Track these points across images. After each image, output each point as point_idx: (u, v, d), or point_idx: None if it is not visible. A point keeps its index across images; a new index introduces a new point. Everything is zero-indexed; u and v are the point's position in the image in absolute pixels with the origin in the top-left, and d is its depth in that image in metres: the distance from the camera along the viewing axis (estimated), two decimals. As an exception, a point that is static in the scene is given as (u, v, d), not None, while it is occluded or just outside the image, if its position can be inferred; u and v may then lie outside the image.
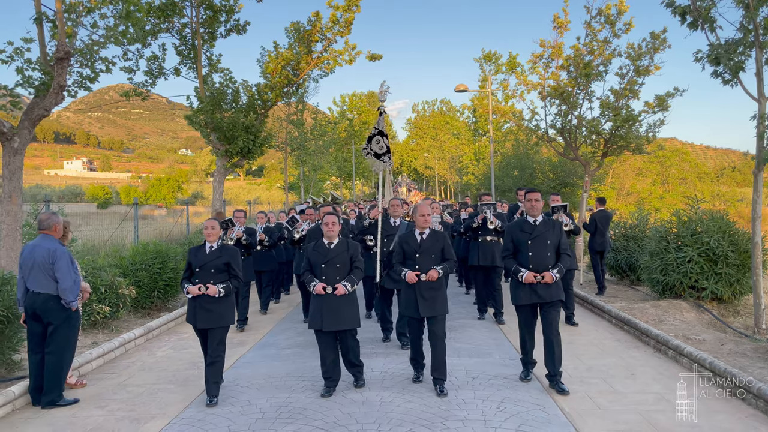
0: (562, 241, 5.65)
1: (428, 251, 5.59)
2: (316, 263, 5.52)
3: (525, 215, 5.88)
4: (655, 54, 13.84)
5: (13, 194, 7.94)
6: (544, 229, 5.60)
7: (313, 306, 5.49)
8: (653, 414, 4.89)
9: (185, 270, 5.67)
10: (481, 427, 4.64)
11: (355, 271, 5.56)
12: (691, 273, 8.95)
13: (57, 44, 7.99)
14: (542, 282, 5.45)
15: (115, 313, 8.32)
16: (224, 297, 5.47)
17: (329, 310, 5.34)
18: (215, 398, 5.36)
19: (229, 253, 5.58)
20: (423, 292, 5.50)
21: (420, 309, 5.49)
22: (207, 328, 5.44)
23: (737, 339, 7.21)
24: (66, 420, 5.03)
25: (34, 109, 8.13)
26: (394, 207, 7.89)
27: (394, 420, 4.78)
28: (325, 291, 5.37)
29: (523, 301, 5.54)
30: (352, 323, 5.43)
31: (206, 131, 15.36)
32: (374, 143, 7.99)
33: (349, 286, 5.41)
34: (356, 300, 5.58)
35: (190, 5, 15.50)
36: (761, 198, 8.21)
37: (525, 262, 5.56)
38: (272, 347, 7.64)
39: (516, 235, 5.67)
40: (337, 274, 5.46)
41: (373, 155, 7.99)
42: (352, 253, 5.59)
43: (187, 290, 5.47)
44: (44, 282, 5.35)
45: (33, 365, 5.41)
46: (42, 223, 5.56)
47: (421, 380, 5.77)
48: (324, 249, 5.56)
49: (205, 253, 5.55)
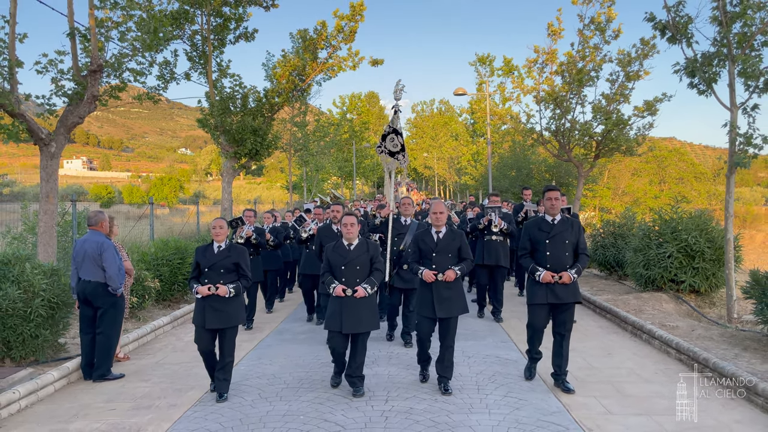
0: (581, 241, 5.53)
1: (445, 250, 5.52)
2: (336, 265, 5.46)
3: (537, 214, 6.01)
4: (644, 60, 14.68)
5: (50, 194, 8.70)
6: (562, 228, 5.47)
7: (331, 307, 5.43)
8: (623, 384, 5.68)
9: (193, 269, 5.58)
10: (475, 393, 5.45)
11: (375, 272, 5.51)
12: (671, 267, 9.73)
13: (90, 58, 8.74)
14: (560, 282, 5.35)
15: (142, 303, 9.09)
16: (234, 297, 5.45)
17: (349, 312, 5.30)
18: (225, 394, 5.46)
19: (238, 253, 5.53)
20: (440, 292, 5.43)
21: (437, 309, 5.41)
22: (217, 328, 5.41)
23: (708, 326, 7.99)
24: (117, 390, 5.82)
25: (68, 116, 8.89)
26: (405, 206, 7.86)
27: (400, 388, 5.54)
28: (345, 293, 5.32)
29: (539, 300, 5.42)
30: (371, 325, 5.40)
31: (216, 134, 16.12)
32: (388, 141, 7.97)
33: (369, 288, 5.37)
34: (375, 302, 5.59)
35: (201, 13, 16.29)
36: (733, 198, 8.99)
37: (543, 261, 5.46)
38: (280, 342, 8.28)
39: (534, 234, 5.55)
40: (357, 276, 5.41)
41: (388, 153, 8.00)
42: (372, 254, 5.53)
43: (197, 290, 5.39)
44: (94, 271, 6.13)
45: (84, 344, 6.20)
46: (90, 219, 6.34)
47: (427, 380, 5.80)
48: (344, 250, 5.50)
49: (213, 253, 5.49)
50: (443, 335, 5.52)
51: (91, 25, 8.74)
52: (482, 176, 31.94)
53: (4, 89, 8.02)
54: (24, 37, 8.37)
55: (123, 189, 68.40)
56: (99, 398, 5.60)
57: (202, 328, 5.39)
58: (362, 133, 47.36)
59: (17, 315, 6.10)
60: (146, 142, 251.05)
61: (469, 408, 5.08)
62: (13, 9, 8.22)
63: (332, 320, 5.37)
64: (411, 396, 5.40)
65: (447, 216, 5.80)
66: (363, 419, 4.88)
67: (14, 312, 6.07)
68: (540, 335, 5.65)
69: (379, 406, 5.19)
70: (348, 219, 5.52)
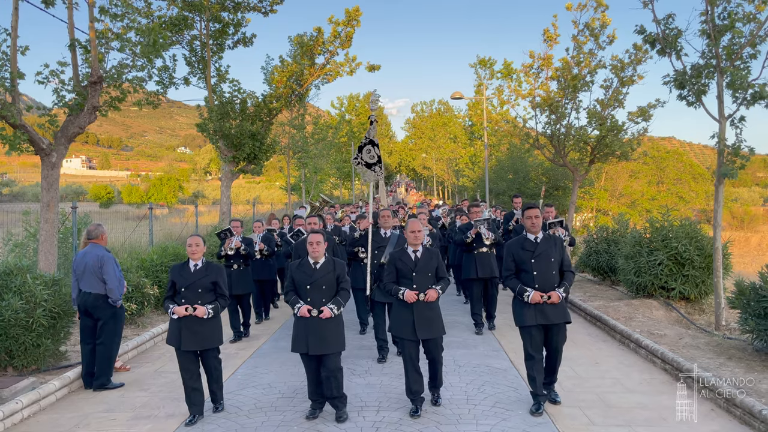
0: (565, 258, 5.46)
1: (425, 269, 5.42)
2: (301, 284, 5.24)
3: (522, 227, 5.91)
4: (637, 65, 14.86)
5: (50, 204, 8.86)
6: (546, 246, 5.37)
7: (297, 328, 5.23)
8: (608, 395, 5.86)
9: (168, 289, 5.37)
10: (464, 404, 5.63)
11: (342, 292, 5.30)
12: (661, 275, 9.90)
13: (91, 70, 8.91)
14: (548, 302, 5.25)
15: (140, 310, 9.25)
16: (212, 317, 5.30)
17: (314, 333, 5.10)
18: (221, 403, 5.54)
19: (216, 271, 5.38)
20: (421, 313, 5.31)
21: (417, 331, 5.29)
22: (194, 350, 5.28)
23: (696, 334, 8.16)
24: (117, 399, 6.00)
25: (69, 126, 9.05)
26: (385, 218, 7.64)
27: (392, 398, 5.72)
28: (310, 314, 5.11)
29: (530, 321, 5.28)
30: (338, 346, 5.20)
31: (215, 138, 16.29)
32: (365, 153, 7.86)
33: (335, 309, 5.16)
34: (342, 322, 5.35)
35: (200, 19, 16.46)
36: (721, 208, 9.17)
37: (530, 281, 5.32)
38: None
39: (517, 254, 5.41)
40: (322, 296, 5.20)
41: (364, 165, 7.88)
42: (338, 273, 5.31)
43: (173, 311, 5.20)
44: (94, 283, 6.31)
45: (85, 354, 6.38)
46: (90, 233, 6.52)
47: (419, 414, 5.34)
48: (309, 269, 5.27)
49: (190, 272, 5.30)
50: (432, 356, 5.46)
51: (92, 38, 8.91)
52: (480, 178, 32.11)
53: (5, 101, 8.19)
54: (26, 49, 8.52)
55: (122, 189, 68.59)
56: (99, 407, 5.78)
57: (179, 349, 5.26)
58: (360, 134, 47.55)
59: (19, 325, 6.27)
60: (145, 140, 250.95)
61: (458, 419, 5.26)
62: (15, 22, 8.37)
63: (298, 342, 5.19)
64: (401, 407, 5.57)
65: (424, 234, 5.68)
66: (355, 429, 5.06)
67: (17, 322, 6.24)
68: (540, 366, 5.40)
69: (371, 416, 5.36)
70: (314, 237, 5.29)
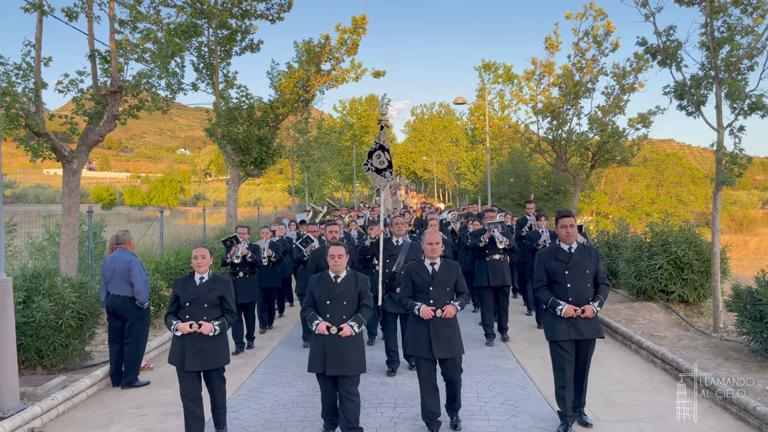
0: (600, 270, 5.12)
1: (443, 283, 5.10)
2: (321, 299, 4.91)
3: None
4: (638, 73, 15.22)
5: (71, 209, 9.18)
6: (580, 257, 5.03)
7: (314, 346, 4.90)
8: (611, 393, 6.18)
9: (171, 304, 5.01)
10: (475, 401, 5.96)
11: (363, 309, 4.95)
12: (661, 278, 10.22)
13: (111, 80, 9.23)
14: (582, 316, 4.95)
15: (157, 312, 9.56)
16: (219, 335, 4.93)
17: (333, 352, 4.78)
18: (225, 428, 5.19)
19: (223, 285, 5.03)
20: (438, 330, 4.99)
21: (434, 349, 4.97)
22: (198, 370, 4.91)
23: (695, 336, 8.47)
24: (144, 397, 6.31)
25: (89, 134, 9.37)
26: (398, 225, 7.38)
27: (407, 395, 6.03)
28: (329, 331, 4.79)
29: (562, 336, 4.98)
30: (358, 368, 4.85)
31: (222, 143, 16.61)
32: (375, 158, 7.75)
33: (356, 326, 4.83)
34: (363, 342, 5.04)
35: (209, 26, 16.79)
36: (719, 214, 9.50)
37: (563, 294, 5.01)
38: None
39: (550, 265, 5.10)
40: (343, 313, 4.86)
41: (374, 170, 7.76)
42: (360, 288, 4.98)
43: (176, 327, 4.81)
44: (122, 286, 6.62)
45: (113, 354, 6.69)
46: (119, 239, 6.85)
47: None
48: (330, 283, 4.94)
49: (195, 286, 4.95)
50: (450, 378, 5.20)
51: (112, 49, 9.23)
52: (481, 182, 32.45)
53: (29, 111, 8.51)
54: (49, 60, 8.84)
55: (124, 191, 68.87)
56: (129, 404, 6.09)
57: (182, 369, 4.86)
58: (362, 137, 47.91)
59: (49, 326, 6.58)
60: (145, 142, 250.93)
61: (470, 415, 5.58)
62: (39, 34, 8.70)
63: (315, 361, 4.86)
64: (417, 403, 5.87)
65: (442, 246, 5.32)
66: (374, 425, 5.38)
67: (47, 323, 6.55)
68: (571, 385, 5.09)
69: (388, 413, 5.68)
70: (335, 249, 4.96)
